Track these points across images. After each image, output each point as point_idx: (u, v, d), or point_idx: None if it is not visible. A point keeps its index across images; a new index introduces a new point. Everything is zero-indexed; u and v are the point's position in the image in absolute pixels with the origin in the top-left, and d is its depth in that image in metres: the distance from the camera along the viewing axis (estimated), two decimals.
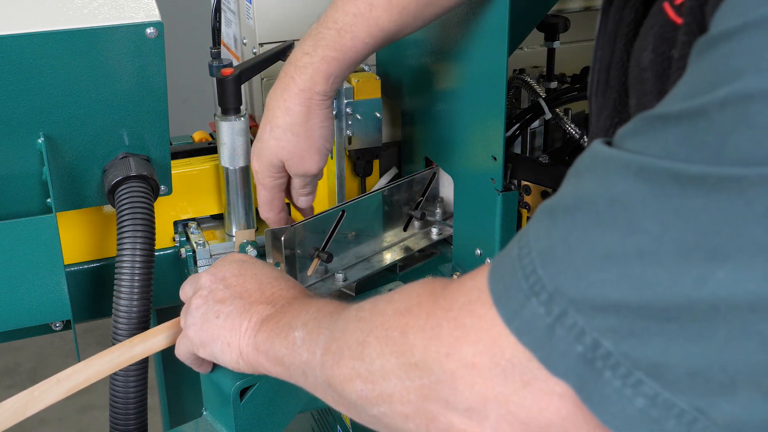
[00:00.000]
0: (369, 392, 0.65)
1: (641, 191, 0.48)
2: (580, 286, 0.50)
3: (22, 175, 1.05)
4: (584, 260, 0.50)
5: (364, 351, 0.65)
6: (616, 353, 0.49)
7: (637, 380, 0.49)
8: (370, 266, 1.15)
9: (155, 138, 1.10)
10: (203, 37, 1.41)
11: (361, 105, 1.21)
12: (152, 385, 1.26)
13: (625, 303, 0.48)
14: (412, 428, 0.62)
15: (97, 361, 0.90)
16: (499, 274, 0.56)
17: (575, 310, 0.50)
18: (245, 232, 1.19)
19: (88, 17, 1.01)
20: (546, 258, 0.52)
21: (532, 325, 0.53)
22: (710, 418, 0.48)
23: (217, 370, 0.94)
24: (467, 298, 0.58)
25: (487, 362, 0.56)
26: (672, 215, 0.46)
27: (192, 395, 1.53)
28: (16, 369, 3.00)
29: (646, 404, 0.49)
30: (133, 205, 1.03)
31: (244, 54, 1.34)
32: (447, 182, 1.22)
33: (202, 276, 0.89)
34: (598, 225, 0.50)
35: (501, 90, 0.98)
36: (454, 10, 1.06)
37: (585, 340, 0.50)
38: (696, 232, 0.46)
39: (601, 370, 0.50)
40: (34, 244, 1.01)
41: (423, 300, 0.63)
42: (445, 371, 0.58)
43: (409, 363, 0.61)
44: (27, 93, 1.00)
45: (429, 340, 0.60)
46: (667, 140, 0.47)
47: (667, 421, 0.49)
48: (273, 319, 0.81)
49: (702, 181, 0.45)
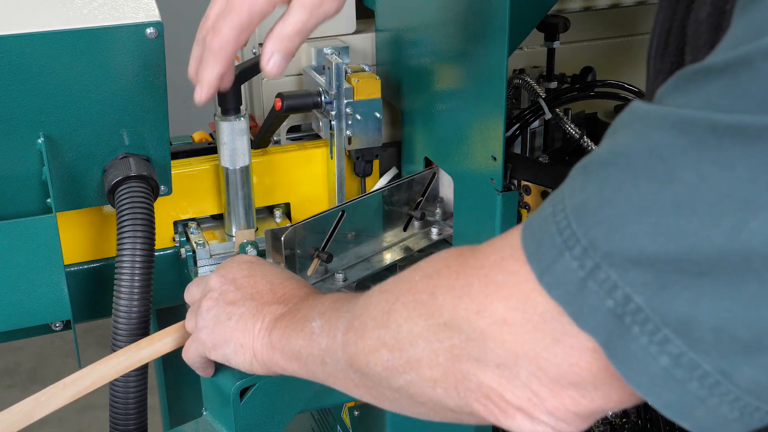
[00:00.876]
0: (395, 360, 0.64)
1: (679, 143, 0.48)
2: (614, 238, 0.50)
3: (22, 175, 1.05)
4: (619, 212, 0.50)
5: (390, 318, 0.65)
6: (646, 308, 0.49)
7: (664, 337, 0.49)
8: (370, 266, 1.16)
9: (155, 138, 1.10)
10: None
11: (361, 105, 1.21)
12: (152, 385, 1.26)
13: (658, 256, 0.48)
14: (440, 394, 0.62)
15: (103, 366, 0.91)
16: (532, 230, 0.56)
17: (608, 263, 0.50)
18: (245, 232, 1.19)
19: (88, 17, 1.01)
20: (580, 212, 0.52)
21: (563, 280, 0.52)
22: (733, 381, 0.48)
23: (217, 370, 0.94)
24: (499, 256, 0.58)
25: (519, 318, 0.55)
26: (709, 166, 0.46)
27: (192, 395, 1.53)
28: (16, 369, 3.00)
29: (670, 363, 0.49)
30: (133, 205, 1.03)
31: (244, 54, 1.34)
32: (447, 182, 1.22)
33: (210, 278, 0.88)
34: (634, 177, 0.49)
35: (501, 90, 0.98)
36: (454, 11, 1.06)
37: (616, 294, 0.50)
38: (732, 182, 0.46)
39: (629, 326, 0.50)
40: (34, 244, 1.01)
41: (452, 262, 0.62)
42: (475, 329, 0.58)
43: (438, 324, 0.61)
44: (27, 93, 1.00)
45: (459, 299, 0.59)
46: (709, 93, 0.48)
47: (690, 382, 0.49)
48: (287, 316, 0.80)
49: (740, 131, 0.45)
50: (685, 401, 0.50)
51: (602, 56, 1.36)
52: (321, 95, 1.21)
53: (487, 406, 0.59)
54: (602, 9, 1.35)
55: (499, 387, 0.58)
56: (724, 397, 0.49)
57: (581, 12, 1.34)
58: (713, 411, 0.50)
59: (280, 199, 1.27)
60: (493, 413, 0.59)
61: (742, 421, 0.50)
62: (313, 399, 1.03)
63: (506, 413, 0.58)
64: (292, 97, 1.21)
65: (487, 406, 0.59)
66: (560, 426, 0.57)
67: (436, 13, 1.11)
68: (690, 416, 0.51)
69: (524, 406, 0.57)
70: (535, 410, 0.57)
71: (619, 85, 1.19)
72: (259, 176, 1.23)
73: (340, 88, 1.19)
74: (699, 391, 0.49)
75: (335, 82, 1.19)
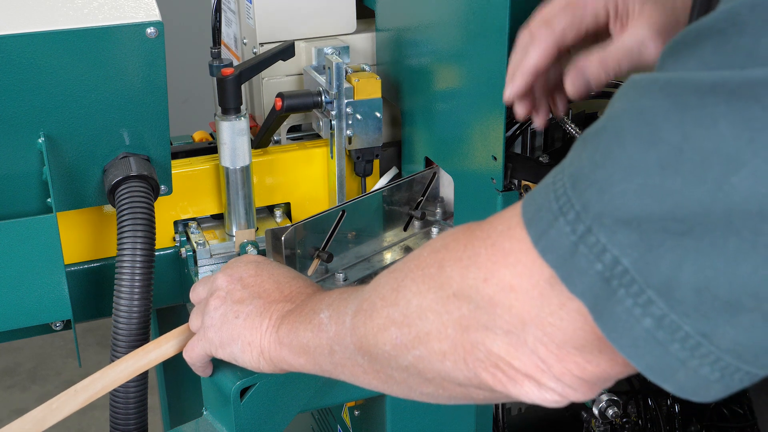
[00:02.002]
0: (404, 336, 0.65)
1: (663, 105, 0.49)
2: (603, 199, 0.51)
3: (22, 175, 1.05)
4: (608, 174, 0.51)
5: (399, 295, 0.66)
6: (632, 270, 0.50)
7: (647, 299, 0.50)
8: (371, 266, 1.16)
9: (155, 138, 1.10)
10: (203, 37, 1.41)
11: (361, 105, 1.21)
12: (152, 385, 1.26)
13: (644, 215, 0.49)
14: (449, 367, 0.62)
15: (112, 370, 0.91)
16: (532, 199, 0.58)
17: (598, 225, 0.51)
18: (245, 232, 1.19)
19: (88, 17, 1.01)
20: (575, 178, 0.54)
21: (556, 244, 0.54)
22: (713, 342, 0.49)
23: (217, 370, 0.94)
24: (506, 225, 0.59)
25: (525, 284, 0.57)
26: (692, 126, 0.47)
27: (192, 395, 1.53)
28: (16, 369, 3.00)
29: (652, 325, 0.51)
30: (133, 205, 1.03)
31: (244, 54, 1.34)
32: (447, 182, 1.22)
33: (217, 277, 0.89)
34: (621, 141, 0.51)
35: (501, 90, 0.98)
36: (454, 11, 1.06)
37: (605, 257, 0.51)
38: (715, 140, 0.47)
39: (615, 288, 0.51)
40: (34, 244, 1.01)
41: (459, 235, 0.63)
42: (483, 296, 0.59)
43: (447, 295, 0.62)
44: (27, 93, 1.00)
45: (466, 269, 0.60)
46: (702, 54, 0.49)
47: (671, 344, 0.50)
48: (294, 312, 0.81)
49: (722, 88, 0.46)
50: (666, 363, 0.51)
51: None
52: (321, 95, 1.21)
53: (496, 375, 0.60)
54: None
55: (507, 355, 0.59)
56: (705, 358, 0.50)
57: None
58: (694, 373, 0.51)
59: (281, 199, 1.27)
60: (501, 382, 0.60)
61: (723, 382, 0.51)
62: (313, 399, 1.03)
63: (514, 381, 0.59)
64: (292, 96, 1.21)
65: (495, 375, 0.60)
66: (567, 392, 0.58)
67: (436, 13, 1.11)
68: (672, 378, 0.52)
69: (532, 373, 0.58)
70: (543, 377, 0.58)
71: (620, 84, 1.19)
72: (259, 176, 1.23)
73: (341, 87, 1.19)
74: (680, 353, 0.50)
75: (335, 81, 1.19)
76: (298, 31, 1.30)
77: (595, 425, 1.30)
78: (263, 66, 1.18)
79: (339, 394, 1.08)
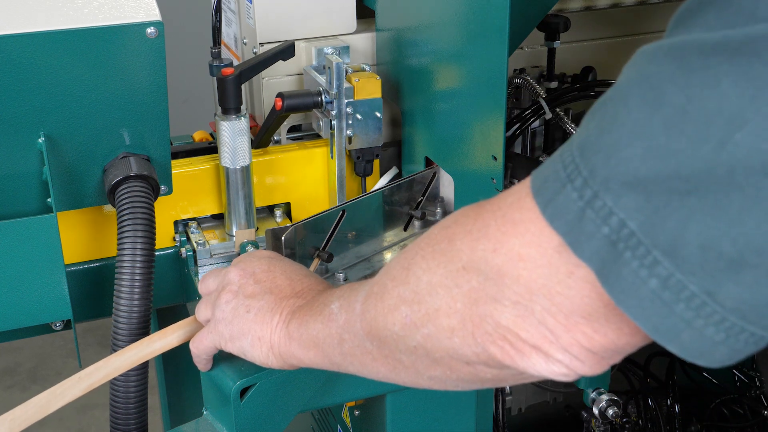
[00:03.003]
0: (414, 314, 0.65)
1: (669, 69, 0.50)
2: (609, 163, 0.52)
3: (22, 175, 1.05)
4: (614, 139, 0.52)
5: (409, 273, 0.66)
6: (638, 232, 0.51)
7: (653, 260, 0.51)
8: (371, 266, 1.15)
9: (155, 138, 1.10)
10: (203, 37, 1.41)
11: (361, 105, 1.21)
12: (152, 385, 1.26)
13: (650, 176, 0.50)
14: (457, 343, 0.63)
15: (117, 358, 0.92)
16: (540, 170, 0.58)
17: (605, 189, 0.52)
18: (245, 232, 1.19)
19: (88, 17, 1.01)
20: (582, 147, 0.54)
21: (564, 210, 0.54)
22: (718, 300, 0.50)
23: (218, 369, 0.94)
24: (515, 197, 0.59)
25: (534, 253, 0.57)
26: (696, 87, 0.48)
27: (192, 395, 1.53)
28: (16, 369, 3.00)
29: (658, 286, 0.51)
30: (133, 205, 1.03)
31: (244, 54, 1.34)
32: (447, 182, 1.22)
33: (230, 271, 0.89)
34: (627, 106, 0.52)
35: (501, 90, 0.98)
36: (454, 11, 1.06)
37: (611, 221, 0.52)
38: (718, 99, 0.47)
39: (622, 251, 0.52)
40: (34, 244, 1.01)
41: (469, 211, 0.64)
42: (492, 267, 0.59)
43: (457, 269, 0.62)
44: (27, 93, 1.00)
45: (476, 241, 0.61)
46: (706, 18, 0.50)
47: (676, 304, 0.51)
48: (305, 307, 0.82)
49: (725, 47, 0.47)
50: (671, 324, 0.52)
51: (602, 56, 1.36)
52: (321, 95, 1.21)
53: (504, 348, 0.60)
54: (602, 9, 1.35)
55: (515, 326, 0.59)
56: (710, 318, 0.51)
57: (581, 12, 1.34)
58: (699, 333, 0.51)
59: (281, 199, 1.27)
60: (509, 355, 0.60)
61: (727, 344, 0.51)
62: (313, 399, 1.03)
63: (522, 353, 0.59)
64: (292, 96, 1.21)
65: (503, 348, 0.60)
66: (575, 365, 0.59)
67: (436, 13, 1.11)
68: (677, 339, 0.52)
69: (540, 344, 0.58)
70: (551, 348, 0.58)
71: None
72: (259, 176, 1.23)
73: (341, 87, 1.19)
74: (685, 313, 0.51)
75: (336, 81, 1.19)
76: (298, 31, 1.30)
77: (595, 425, 1.30)
78: (263, 66, 1.18)
79: (339, 394, 1.08)
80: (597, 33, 1.37)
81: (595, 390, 1.20)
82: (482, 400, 1.21)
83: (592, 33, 1.37)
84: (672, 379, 1.33)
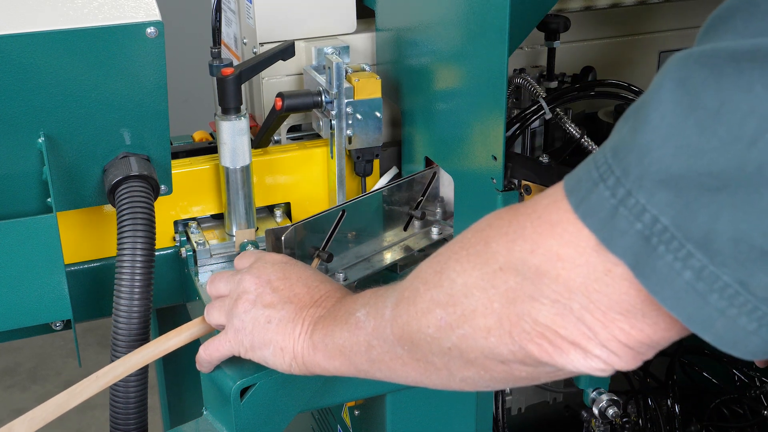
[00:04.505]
0: (449, 316, 0.66)
1: (701, 74, 0.52)
2: (643, 162, 0.54)
3: (22, 175, 1.05)
4: (647, 141, 0.54)
5: (442, 277, 0.67)
6: (671, 227, 0.53)
7: (687, 253, 0.53)
8: (371, 266, 1.15)
9: (155, 138, 1.10)
10: (203, 37, 1.41)
11: (361, 105, 1.21)
12: (152, 385, 1.26)
13: (682, 173, 0.52)
14: (493, 343, 0.64)
15: (135, 355, 0.94)
16: (574, 173, 0.60)
17: (638, 187, 0.54)
18: (245, 232, 1.19)
19: (88, 17, 1.01)
20: (615, 149, 0.57)
21: (597, 208, 0.56)
22: (750, 291, 0.52)
23: (218, 369, 0.94)
24: (551, 199, 0.61)
25: (572, 252, 0.58)
26: (729, 91, 0.50)
27: (192, 395, 1.53)
28: (16, 369, 3.00)
29: (692, 277, 0.53)
30: (133, 205, 1.03)
31: (244, 54, 1.34)
32: (447, 182, 1.22)
33: (244, 278, 0.89)
34: (661, 109, 0.53)
35: (501, 90, 0.98)
36: (454, 11, 1.06)
37: (644, 217, 0.54)
38: (751, 102, 0.50)
39: (656, 245, 0.54)
40: (34, 244, 1.01)
41: (503, 214, 0.65)
42: (530, 267, 0.60)
43: (493, 270, 0.63)
44: (27, 93, 1.00)
45: (512, 242, 0.62)
46: (735, 25, 0.52)
47: (710, 294, 0.53)
48: (328, 317, 0.82)
49: (757, 54, 0.49)
50: (706, 314, 0.53)
51: (602, 56, 1.36)
52: (321, 95, 1.21)
53: (542, 345, 0.61)
54: (602, 9, 1.35)
55: (553, 324, 0.60)
56: (743, 307, 0.52)
57: (581, 12, 1.34)
58: (732, 322, 0.53)
59: (281, 199, 1.27)
60: (547, 352, 0.61)
61: (760, 334, 0.53)
62: (313, 399, 1.03)
63: (561, 350, 0.61)
64: (292, 96, 1.21)
65: (542, 345, 0.61)
66: (612, 360, 0.60)
67: (436, 13, 1.11)
68: (711, 329, 0.54)
69: (578, 341, 0.60)
70: (589, 344, 0.60)
71: (620, 84, 1.19)
72: (259, 176, 1.23)
73: (341, 87, 1.19)
74: (719, 303, 0.53)
75: (335, 81, 1.19)
76: (298, 31, 1.30)
77: (595, 425, 1.30)
78: (263, 66, 1.18)
79: (339, 394, 1.08)
80: (597, 33, 1.37)
81: (595, 390, 1.20)
82: (482, 400, 1.21)
83: (592, 33, 1.37)
84: (672, 379, 1.33)
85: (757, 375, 1.37)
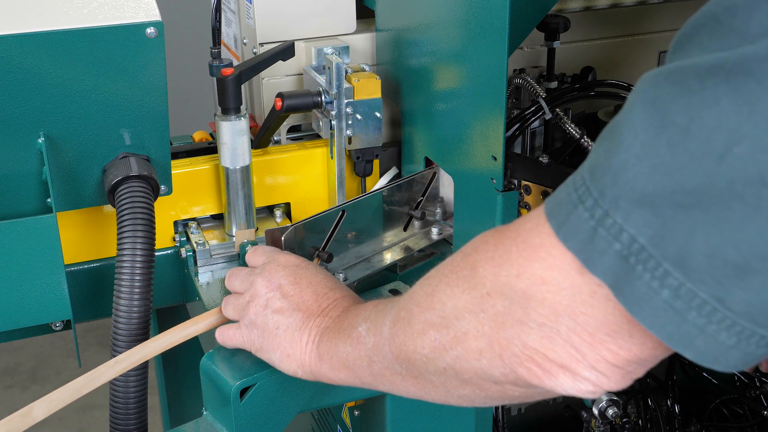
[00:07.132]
0: (443, 338, 0.67)
1: (671, 92, 0.52)
2: (618, 183, 0.54)
3: (22, 175, 1.05)
4: (621, 161, 0.54)
5: (434, 300, 0.68)
6: (648, 246, 0.53)
7: (664, 272, 0.53)
8: (370, 266, 1.15)
9: (155, 138, 1.10)
10: (203, 37, 1.41)
11: (361, 105, 1.21)
12: (152, 385, 1.26)
13: (656, 192, 0.52)
14: (485, 365, 0.64)
15: (152, 344, 0.95)
16: (554, 195, 0.60)
17: (615, 208, 0.54)
18: (245, 232, 1.19)
19: (88, 17, 1.01)
20: (592, 169, 0.57)
21: (576, 230, 0.56)
22: (727, 306, 0.52)
23: (218, 369, 0.94)
24: (533, 222, 0.61)
25: (557, 276, 0.59)
26: (697, 107, 0.51)
27: (192, 395, 1.53)
28: (16, 369, 3.00)
29: (670, 296, 0.53)
30: (133, 205, 1.03)
31: (244, 54, 1.34)
32: (447, 182, 1.22)
33: (256, 281, 0.91)
34: (633, 129, 0.54)
35: (501, 90, 0.98)
36: (454, 11, 1.06)
37: (622, 237, 0.54)
38: (717, 116, 0.50)
39: (634, 265, 0.54)
40: (34, 244, 1.01)
41: (489, 237, 0.66)
42: (517, 292, 0.61)
43: (481, 294, 0.64)
44: (27, 93, 1.00)
45: (499, 267, 0.62)
46: (701, 41, 0.52)
47: (689, 312, 0.53)
48: (333, 329, 0.84)
49: (720, 69, 0.50)
50: (685, 331, 0.54)
51: (602, 56, 1.36)
52: (321, 95, 1.21)
53: (531, 369, 0.62)
54: (602, 9, 1.35)
55: (541, 347, 0.60)
56: (721, 323, 0.53)
57: (581, 12, 1.34)
58: (712, 339, 0.53)
59: (280, 199, 1.27)
60: (537, 375, 0.62)
61: (740, 348, 0.53)
62: (313, 399, 1.03)
63: (550, 373, 0.61)
64: (292, 96, 1.21)
65: (531, 369, 0.62)
66: (601, 381, 0.60)
67: (436, 13, 1.11)
68: (691, 346, 0.54)
69: (567, 363, 0.60)
70: (578, 366, 0.60)
71: (619, 84, 1.19)
72: (259, 176, 1.23)
73: (341, 87, 1.19)
74: (697, 320, 0.53)
75: (335, 81, 1.19)
76: (298, 31, 1.30)
77: (595, 425, 1.30)
78: (263, 66, 1.18)
79: (339, 394, 1.08)
80: (597, 33, 1.37)
81: None
82: None
83: (592, 33, 1.37)
84: (672, 379, 1.33)
85: (757, 375, 1.37)
